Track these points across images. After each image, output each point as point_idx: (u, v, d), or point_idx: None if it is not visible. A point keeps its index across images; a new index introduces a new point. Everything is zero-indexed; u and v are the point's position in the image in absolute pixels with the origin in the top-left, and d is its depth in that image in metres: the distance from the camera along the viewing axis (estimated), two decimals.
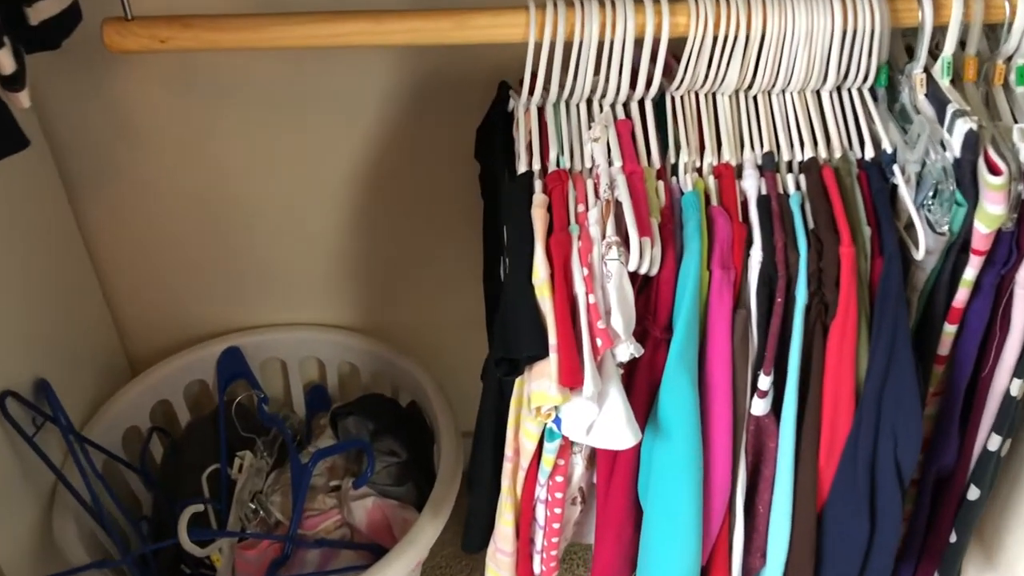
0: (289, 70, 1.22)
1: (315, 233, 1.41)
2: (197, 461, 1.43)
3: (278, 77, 1.23)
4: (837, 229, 0.86)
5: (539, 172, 0.91)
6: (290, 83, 1.24)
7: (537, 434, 0.95)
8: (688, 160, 0.91)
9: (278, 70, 1.22)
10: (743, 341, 0.89)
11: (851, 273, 0.85)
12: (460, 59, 1.19)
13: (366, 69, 1.22)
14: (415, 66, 1.22)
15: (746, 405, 0.92)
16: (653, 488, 0.95)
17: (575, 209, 0.88)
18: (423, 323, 1.52)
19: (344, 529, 1.37)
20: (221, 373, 1.48)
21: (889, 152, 0.90)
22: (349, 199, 1.37)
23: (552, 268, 0.84)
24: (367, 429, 1.41)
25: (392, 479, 1.37)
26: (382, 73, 1.23)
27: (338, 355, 1.52)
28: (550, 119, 0.94)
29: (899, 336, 0.86)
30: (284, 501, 1.39)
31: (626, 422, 0.85)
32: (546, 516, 1.02)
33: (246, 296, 1.49)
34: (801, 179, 0.90)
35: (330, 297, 1.50)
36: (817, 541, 0.98)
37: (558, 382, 0.83)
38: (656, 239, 0.86)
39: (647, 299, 0.89)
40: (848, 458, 0.93)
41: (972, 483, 1.02)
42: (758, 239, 0.87)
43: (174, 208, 1.36)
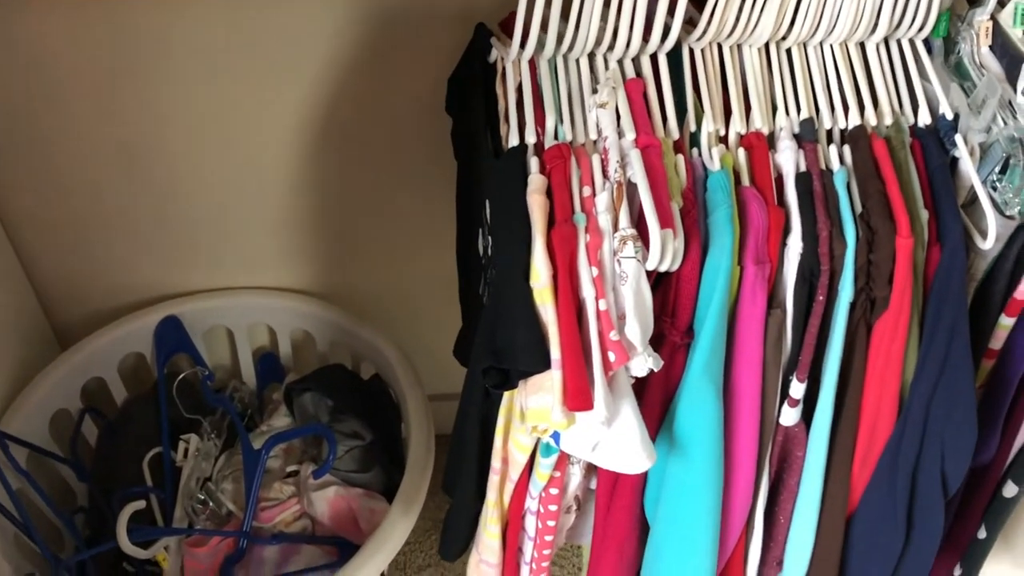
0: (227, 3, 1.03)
1: (261, 188, 1.24)
2: (136, 445, 1.28)
3: (213, 12, 1.05)
4: (892, 215, 0.72)
5: (534, 146, 0.75)
6: (228, 19, 1.06)
7: (530, 447, 0.83)
8: (712, 129, 0.76)
9: (213, 3, 1.03)
10: (776, 345, 0.76)
11: (908, 268, 0.72)
12: None
13: (316, 3, 1.04)
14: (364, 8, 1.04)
15: (775, 415, 0.80)
16: (665, 507, 0.83)
17: (580, 193, 0.73)
18: (386, 288, 1.37)
19: (304, 521, 1.24)
20: (159, 345, 1.32)
21: (949, 118, 0.76)
22: (300, 150, 1.21)
23: (555, 268, 0.69)
24: (326, 407, 1.27)
25: (356, 464, 1.24)
26: (336, 8, 1.06)
27: (291, 322, 1.37)
28: (544, 78, 0.78)
29: (956, 339, 0.74)
30: (236, 488, 1.26)
31: (640, 444, 0.73)
32: (537, 528, 0.91)
33: (184, 258, 1.32)
34: (846, 152, 0.76)
35: (280, 258, 1.34)
36: (845, 551, 0.88)
37: (563, 405, 0.69)
38: (679, 229, 0.71)
39: (664, 297, 0.75)
40: (886, 465, 0.82)
41: (1009, 479, 0.92)
42: (797, 226, 0.73)
43: (94, 161, 1.18)
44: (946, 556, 1.02)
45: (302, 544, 1.20)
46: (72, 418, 1.29)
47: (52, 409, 1.25)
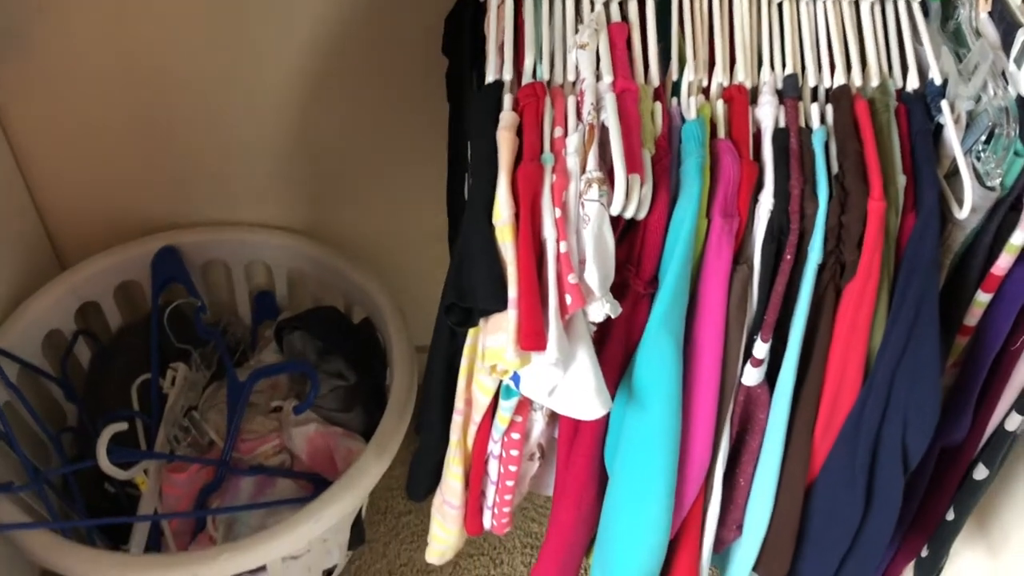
0: None
1: (262, 124, 1.25)
2: (126, 371, 1.30)
3: None
4: (867, 177, 0.70)
5: (511, 83, 0.75)
6: None
7: (492, 389, 0.82)
8: (694, 79, 0.75)
9: None
10: (741, 302, 0.75)
11: (879, 232, 0.70)
12: None
13: None
14: None
15: (737, 374, 0.79)
16: (622, 459, 0.83)
17: (551, 134, 0.72)
18: (382, 231, 1.37)
19: (284, 455, 1.25)
20: (156, 275, 1.34)
21: (937, 83, 0.74)
22: (301, 87, 1.21)
23: (517, 207, 0.69)
24: (314, 347, 1.28)
25: (338, 404, 1.24)
26: None
27: (286, 260, 1.38)
28: (528, 16, 0.77)
29: (925, 309, 0.73)
30: (220, 419, 1.27)
31: (595, 391, 0.72)
32: (499, 472, 0.91)
33: (186, 190, 1.33)
34: (828, 111, 0.74)
35: (280, 197, 1.34)
36: (804, 518, 0.87)
37: (516, 344, 0.69)
38: (648, 176, 0.70)
39: (631, 246, 0.74)
40: (848, 434, 0.81)
41: (980, 462, 0.91)
42: (770, 183, 0.72)
43: (97, 85, 1.19)
44: (914, 537, 1.01)
45: (278, 477, 1.22)
46: (65, 339, 1.30)
47: (46, 328, 1.27)
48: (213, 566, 1.02)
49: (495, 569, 1.39)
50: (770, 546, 0.90)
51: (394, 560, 1.39)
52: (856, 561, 0.88)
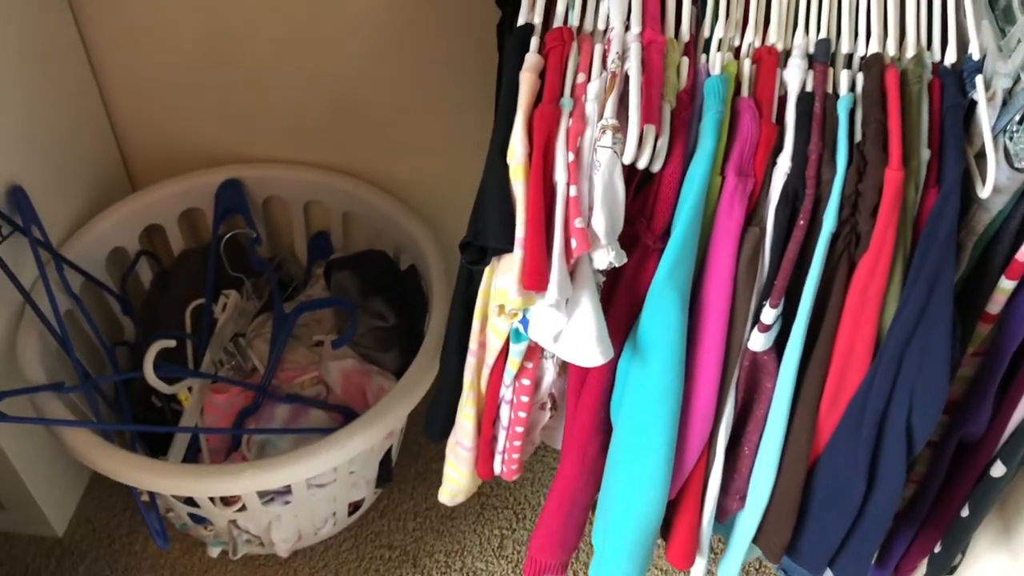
0: None
1: (326, 66, 1.28)
2: (183, 293, 1.37)
3: None
4: (887, 146, 0.69)
5: (541, 27, 0.76)
6: None
7: (504, 332, 0.84)
8: (725, 36, 0.75)
9: None
10: (750, 264, 0.74)
11: (894, 203, 0.69)
12: None
13: None
14: None
15: (744, 337, 0.79)
16: (624, 412, 0.84)
17: (574, 79, 0.73)
18: (437, 181, 1.39)
19: (320, 387, 1.30)
20: (218, 205, 1.39)
21: (976, 59, 0.72)
22: (364, 31, 1.24)
23: (531, 147, 0.70)
24: (359, 286, 1.32)
25: (376, 343, 1.28)
26: None
27: (343, 203, 1.42)
28: None
29: (939, 287, 0.71)
30: (264, 348, 1.33)
31: (596, 338, 0.73)
32: (510, 418, 0.93)
33: (253, 125, 1.38)
34: (858, 78, 0.73)
35: (341, 139, 1.38)
36: (805, 495, 0.87)
37: (519, 283, 0.70)
38: (665, 128, 0.71)
39: (645, 199, 0.75)
40: (853, 413, 0.80)
41: (999, 458, 0.89)
42: (789, 145, 0.71)
43: (175, 13, 1.24)
44: (928, 532, 0.99)
45: (312, 408, 1.26)
46: (129, 257, 1.37)
47: (111, 245, 1.34)
48: (238, 480, 1.07)
49: (517, 523, 1.41)
50: (771, 519, 0.89)
51: (420, 503, 1.42)
52: (855, 541, 0.87)
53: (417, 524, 1.40)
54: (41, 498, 1.27)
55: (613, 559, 0.94)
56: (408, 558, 1.36)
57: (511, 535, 1.40)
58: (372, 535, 1.38)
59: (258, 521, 1.21)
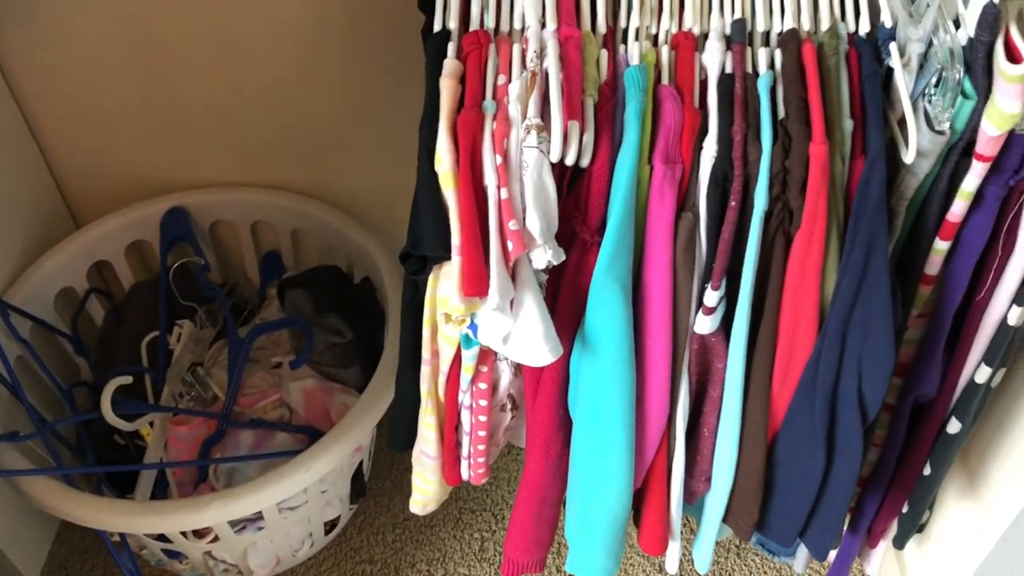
0: None
1: (263, 84, 1.27)
2: (137, 327, 1.35)
3: None
4: (810, 121, 0.70)
5: (457, 31, 0.75)
6: None
7: (455, 339, 0.84)
8: (642, 24, 0.75)
9: None
10: (687, 249, 0.75)
11: (821, 176, 0.70)
12: None
13: None
14: None
15: (689, 321, 0.79)
16: (581, 406, 0.84)
17: (495, 81, 0.72)
18: (383, 191, 1.38)
19: (282, 410, 1.29)
20: (164, 235, 1.38)
21: (888, 27, 0.73)
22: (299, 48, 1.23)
23: (458, 154, 0.70)
24: (313, 304, 1.31)
25: (335, 360, 1.27)
26: None
27: (291, 221, 1.40)
28: None
29: (875, 254, 0.72)
30: (223, 375, 1.31)
31: (543, 337, 0.73)
32: (471, 423, 0.92)
33: (192, 151, 1.36)
34: (777, 55, 0.74)
35: (283, 156, 1.37)
36: (768, 471, 0.88)
37: (460, 290, 0.70)
38: (589, 123, 0.71)
39: (578, 194, 0.75)
40: (805, 386, 0.81)
41: (953, 415, 0.90)
42: (713, 128, 0.72)
43: (101, 45, 1.22)
44: (895, 493, 1.01)
45: (277, 431, 1.25)
46: (78, 296, 1.35)
47: (59, 286, 1.32)
48: (205, 513, 1.06)
49: (496, 524, 1.41)
50: (738, 497, 0.90)
51: (398, 514, 1.42)
52: (822, 511, 0.88)
53: (396, 536, 1.39)
54: (9, 549, 1.25)
55: (587, 552, 0.95)
56: (390, 570, 1.35)
57: (491, 537, 1.40)
58: (352, 551, 1.37)
59: (233, 550, 1.20)
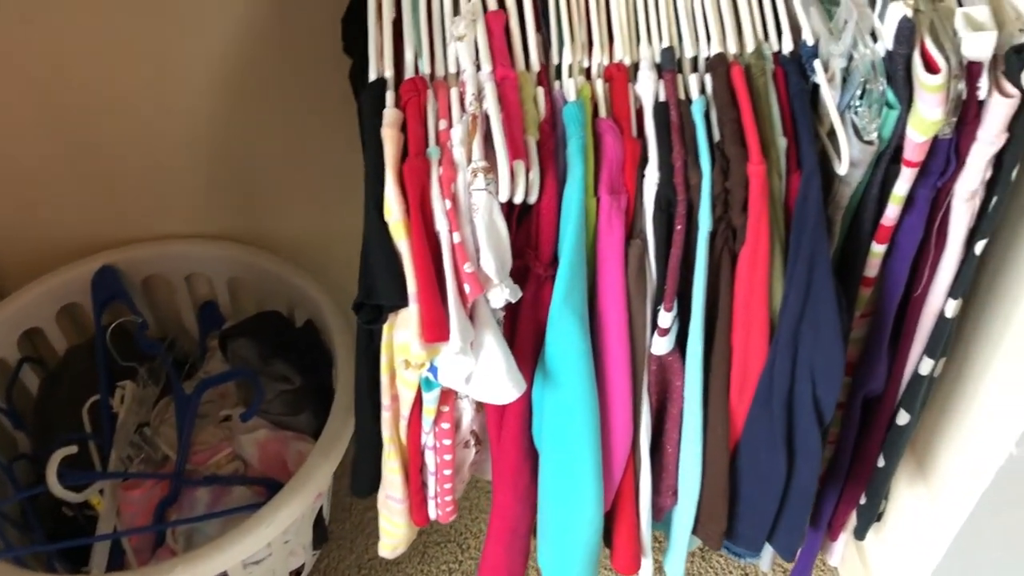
0: None
1: (187, 135, 1.25)
2: (75, 393, 1.30)
3: None
4: (745, 142, 0.72)
5: (392, 80, 0.76)
6: None
7: (414, 383, 0.84)
8: (574, 60, 0.76)
9: None
10: (639, 275, 0.76)
11: (761, 195, 0.72)
12: None
13: None
14: None
15: (646, 343, 0.81)
16: (547, 435, 0.85)
17: (436, 127, 0.73)
18: (318, 231, 1.37)
19: (237, 463, 1.26)
20: (96, 295, 1.34)
21: (810, 44, 0.76)
22: (222, 95, 1.21)
23: (407, 203, 0.70)
24: (257, 352, 1.29)
25: (286, 407, 1.26)
26: None
27: (225, 270, 1.38)
28: (406, 11, 0.78)
29: (818, 264, 0.75)
30: (172, 434, 1.28)
31: (506, 375, 0.74)
32: (436, 463, 0.92)
33: (118, 207, 1.33)
34: (707, 80, 0.76)
35: (213, 205, 1.34)
36: (732, 480, 0.90)
37: (420, 338, 0.70)
38: (533, 161, 0.72)
39: (528, 230, 0.76)
40: (762, 395, 0.83)
41: (901, 407, 0.93)
42: (654, 157, 0.73)
43: (17, 109, 1.18)
44: (852, 487, 1.04)
45: (233, 486, 1.23)
46: (10, 367, 1.31)
47: None
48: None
49: (463, 554, 1.41)
50: (705, 509, 0.92)
51: (362, 555, 1.40)
52: (788, 514, 0.90)
53: None
54: None
55: None
56: None
57: (459, 568, 1.39)
58: None
59: None
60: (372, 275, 0.73)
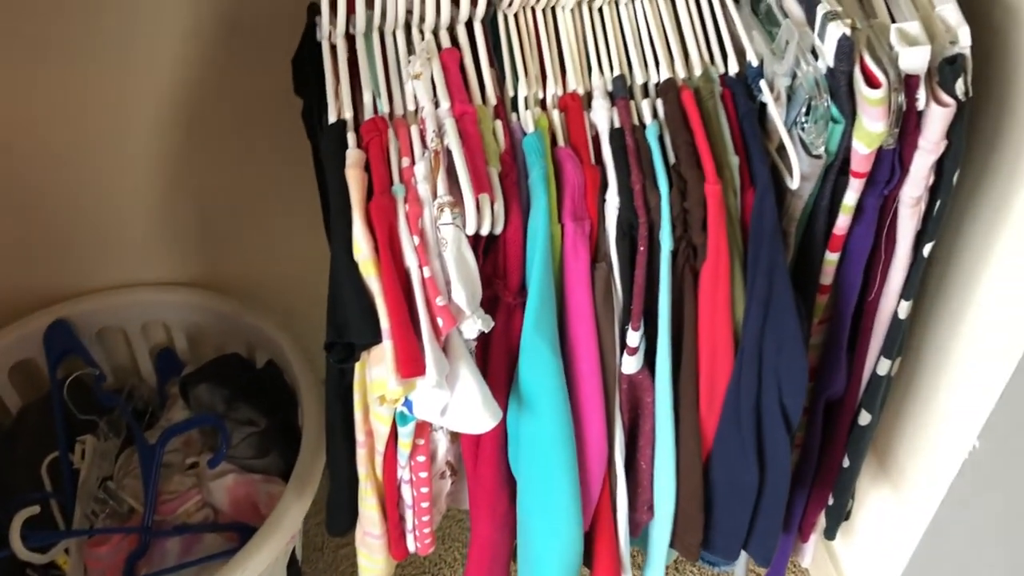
0: None
1: (136, 181, 1.24)
2: (33, 452, 1.27)
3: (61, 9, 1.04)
4: (700, 163, 0.74)
5: (352, 121, 0.77)
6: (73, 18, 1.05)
7: (389, 417, 0.84)
8: (529, 92, 0.78)
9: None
10: (606, 297, 0.78)
11: (719, 213, 0.74)
12: None
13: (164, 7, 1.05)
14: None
15: (616, 364, 0.82)
16: (524, 461, 0.85)
17: (399, 164, 0.74)
18: (272, 273, 1.37)
19: (207, 510, 1.24)
20: (50, 350, 1.31)
21: (755, 65, 0.78)
22: (169, 139, 1.20)
23: (376, 240, 0.71)
24: (220, 397, 1.28)
25: (253, 450, 1.25)
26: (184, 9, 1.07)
27: (182, 315, 1.37)
28: (361, 53, 0.79)
29: (776, 276, 0.77)
30: (137, 485, 1.26)
31: (482, 404, 0.75)
32: (413, 496, 0.93)
33: (69, 259, 1.31)
34: (659, 105, 0.78)
35: (165, 251, 1.33)
36: (706, 491, 0.91)
37: (396, 373, 0.71)
38: (497, 193, 0.73)
39: (495, 260, 0.77)
40: (731, 406, 0.85)
41: (862, 408, 0.96)
42: (613, 182, 0.75)
43: None
44: (819, 488, 1.06)
45: (204, 533, 1.21)
46: None
47: None
48: None
49: None
50: (681, 521, 0.93)
51: None
52: (762, 520, 0.92)
53: None
54: None
55: None
56: None
57: None
58: None
59: None
60: (343, 314, 0.74)
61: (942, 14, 0.75)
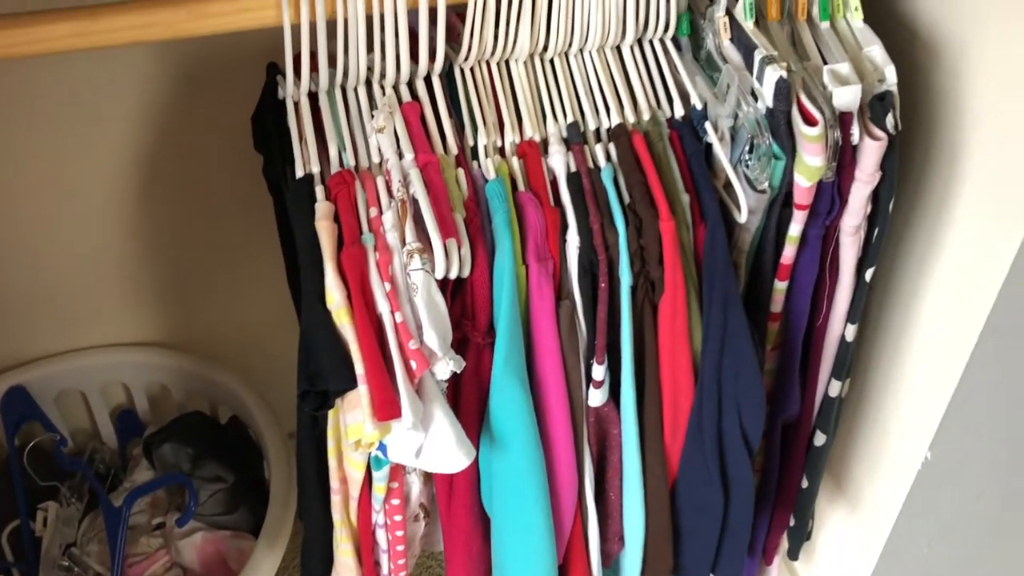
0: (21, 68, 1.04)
1: (89, 243, 1.24)
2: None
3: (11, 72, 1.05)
4: (654, 202, 0.78)
5: (320, 174, 0.79)
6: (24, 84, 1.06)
7: (363, 463, 0.86)
8: (488, 141, 0.82)
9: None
10: (571, 334, 0.81)
11: (674, 248, 0.78)
12: (227, 42, 1.04)
13: (115, 63, 1.07)
14: (174, 53, 1.06)
15: (583, 398, 0.85)
16: (497, 498, 0.87)
17: (367, 215, 0.77)
18: (232, 328, 1.38)
19: (175, 571, 1.24)
20: (6, 417, 1.30)
21: (699, 108, 0.83)
22: (122, 198, 1.21)
23: (348, 288, 0.73)
24: (186, 455, 1.28)
25: (221, 507, 1.24)
26: (137, 66, 1.08)
27: (142, 375, 1.37)
28: (325, 108, 0.82)
29: (730, 306, 0.81)
30: (102, 549, 1.25)
31: (456, 444, 0.77)
32: (388, 540, 0.94)
33: (22, 324, 1.30)
34: (611, 149, 0.82)
35: (122, 312, 1.33)
36: (674, 518, 0.94)
37: (373, 417, 0.73)
38: (463, 238, 0.76)
39: (463, 302, 0.80)
40: (693, 433, 0.88)
41: (817, 429, 1.01)
42: (573, 223, 0.79)
43: None
44: (780, 510, 1.10)
45: None
46: None
47: None
48: None
49: None
50: (651, 549, 0.96)
51: None
52: (728, 543, 0.95)
53: None
54: None
55: None
56: None
57: None
58: None
59: None
60: (317, 362, 0.75)
61: (870, 55, 0.81)
